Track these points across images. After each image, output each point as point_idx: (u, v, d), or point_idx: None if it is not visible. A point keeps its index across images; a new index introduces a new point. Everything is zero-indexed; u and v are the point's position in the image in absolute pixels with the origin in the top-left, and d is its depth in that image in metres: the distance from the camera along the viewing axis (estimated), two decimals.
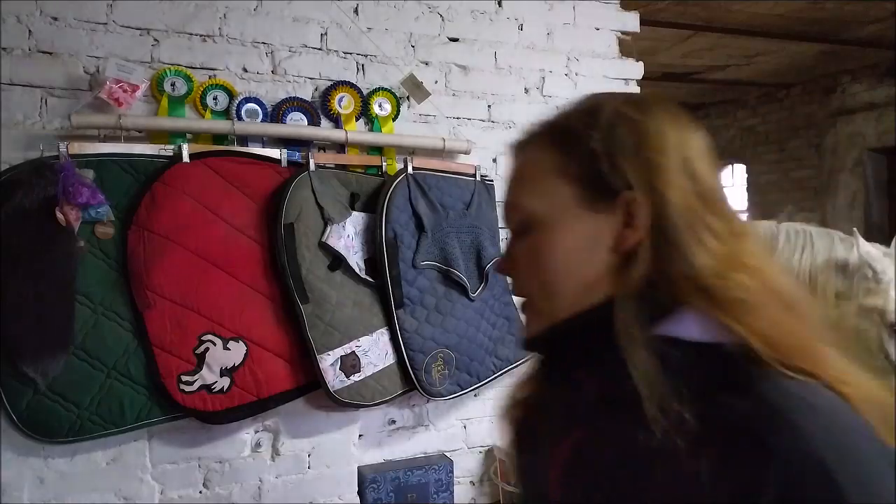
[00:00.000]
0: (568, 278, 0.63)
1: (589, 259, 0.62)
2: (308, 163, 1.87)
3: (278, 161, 1.86)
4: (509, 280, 0.69)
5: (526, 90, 2.28)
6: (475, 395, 2.16)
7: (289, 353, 1.81)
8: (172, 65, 1.80)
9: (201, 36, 1.84)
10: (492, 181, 2.17)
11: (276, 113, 1.89)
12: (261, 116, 1.88)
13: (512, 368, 2.12)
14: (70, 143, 1.64)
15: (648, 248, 0.60)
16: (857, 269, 2.23)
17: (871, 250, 2.28)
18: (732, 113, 7.21)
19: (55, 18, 1.69)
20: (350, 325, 1.84)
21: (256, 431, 1.87)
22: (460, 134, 2.16)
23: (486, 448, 2.21)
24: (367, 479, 1.96)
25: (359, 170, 1.98)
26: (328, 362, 1.81)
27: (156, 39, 1.79)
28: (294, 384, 1.81)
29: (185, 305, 1.70)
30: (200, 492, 1.80)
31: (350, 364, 1.83)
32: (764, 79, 6.18)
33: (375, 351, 1.89)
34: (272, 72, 1.92)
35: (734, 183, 7.66)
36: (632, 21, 2.45)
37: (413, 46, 2.11)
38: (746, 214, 7.15)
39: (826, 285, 2.72)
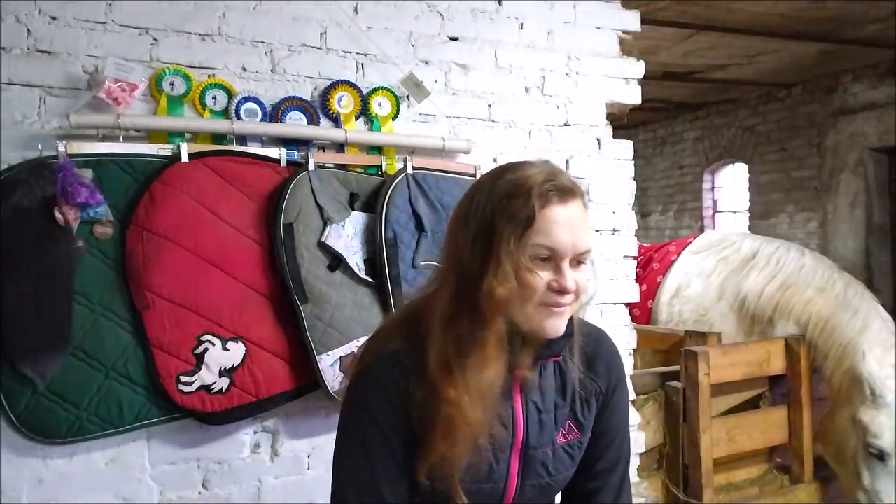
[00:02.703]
0: None
1: None
2: (307, 162, 1.86)
3: (277, 160, 1.86)
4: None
5: (526, 89, 2.27)
6: None
7: (288, 353, 1.80)
8: (171, 64, 1.79)
9: (200, 35, 1.84)
10: None
11: (276, 112, 1.89)
12: (260, 116, 1.87)
13: None
14: (69, 143, 1.63)
15: None
16: (862, 381, 2.32)
17: (876, 371, 2.34)
18: (733, 112, 7.20)
19: (54, 18, 1.69)
20: (349, 326, 1.84)
21: (255, 432, 1.86)
22: (460, 133, 2.15)
23: None
24: None
25: (358, 169, 1.98)
26: (327, 363, 1.80)
27: (155, 39, 1.79)
28: (293, 385, 1.81)
29: (183, 305, 1.69)
30: (199, 493, 1.80)
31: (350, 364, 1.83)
32: (765, 78, 6.18)
33: None
34: (271, 71, 1.92)
35: (735, 183, 7.66)
36: (633, 20, 2.44)
37: (413, 45, 2.10)
38: (748, 214, 7.15)
39: (755, 309, 2.83)
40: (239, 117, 1.84)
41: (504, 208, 0.93)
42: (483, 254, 0.93)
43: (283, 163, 1.86)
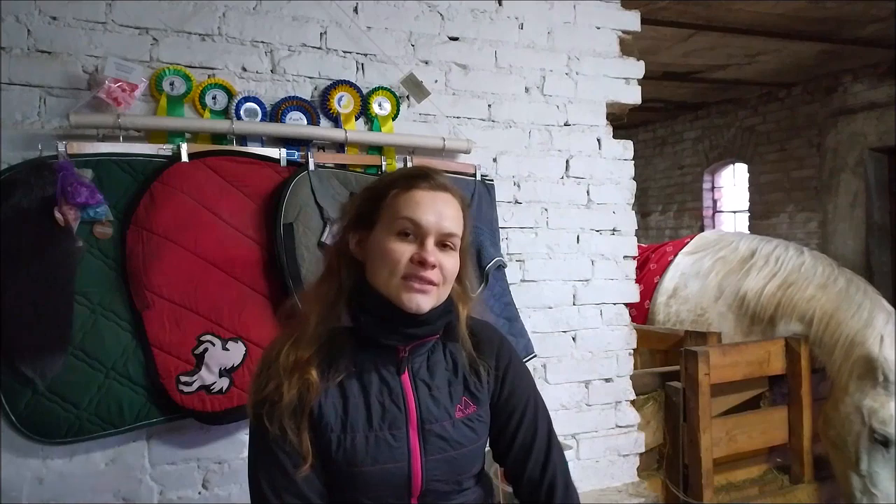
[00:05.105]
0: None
1: None
2: (307, 162, 1.86)
3: (277, 160, 1.86)
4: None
5: (526, 89, 2.27)
6: None
7: None
8: (171, 64, 1.79)
9: (200, 35, 1.84)
10: (492, 181, 2.17)
11: (276, 112, 1.89)
12: (260, 116, 1.87)
13: None
14: (69, 143, 1.63)
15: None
16: (877, 366, 2.32)
17: (891, 356, 2.34)
18: (733, 112, 7.20)
19: (54, 18, 1.69)
20: None
21: None
22: (460, 133, 2.15)
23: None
24: None
25: (358, 169, 1.98)
26: None
27: (155, 39, 1.79)
28: None
29: (183, 305, 1.69)
30: (199, 493, 1.80)
31: None
32: (765, 78, 6.17)
33: None
34: (271, 71, 1.92)
35: (735, 183, 7.66)
36: (633, 20, 2.44)
37: (413, 45, 2.10)
38: (748, 214, 7.15)
39: (755, 309, 2.82)
40: (239, 117, 1.84)
41: (376, 192, 1.09)
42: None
43: (283, 163, 1.86)
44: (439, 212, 1.04)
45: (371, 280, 1.05)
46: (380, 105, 2.02)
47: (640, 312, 3.29)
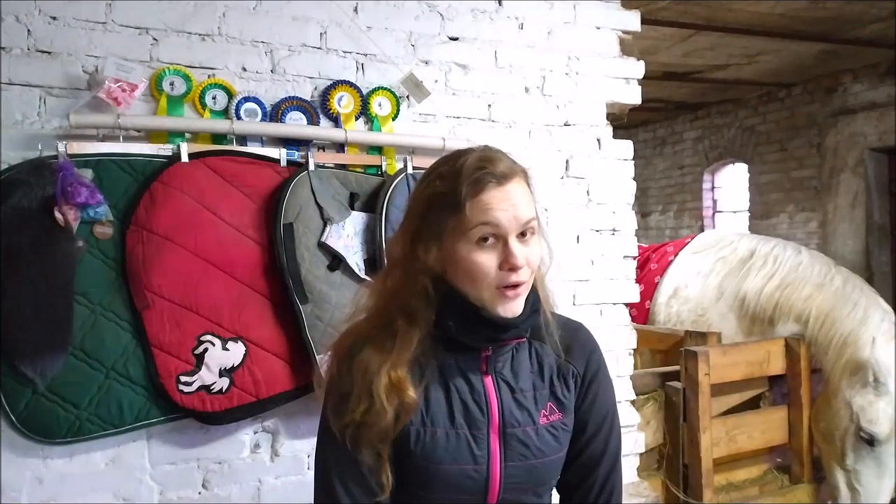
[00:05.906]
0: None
1: None
2: (307, 162, 1.86)
3: (277, 160, 1.86)
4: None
5: (526, 89, 2.27)
6: None
7: (288, 353, 1.80)
8: (171, 64, 1.79)
9: (200, 35, 1.84)
10: None
11: (276, 112, 1.89)
12: (260, 116, 1.87)
13: None
14: (69, 143, 1.63)
15: None
16: (866, 368, 2.34)
17: (883, 359, 2.35)
18: (733, 112, 7.20)
19: (54, 18, 1.69)
20: None
21: (256, 432, 1.86)
22: (460, 133, 2.15)
23: None
24: None
25: (358, 169, 1.98)
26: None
27: (155, 39, 1.79)
28: (293, 385, 1.81)
29: (183, 306, 1.69)
30: (199, 493, 1.80)
31: None
32: (765, 78, 6.18)
33: None
34: (271, 71, 1.92)
35: (735, 183, 7.66)
36: (633, 20, 2.44)
37: (413, 45, 2.10)
38: (748, 214, 7.15)
39: (755, 309, 2.84)
40: (239, 117, 1.84)
41: (437, 199, 1.00)
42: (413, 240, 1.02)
43: (283, 163, 1.86)
44: (512, 204, 0.97)
45: (457, 286, 1.00)
46: (380, 105, 2.02)
47: (640, 312, 3.29)
